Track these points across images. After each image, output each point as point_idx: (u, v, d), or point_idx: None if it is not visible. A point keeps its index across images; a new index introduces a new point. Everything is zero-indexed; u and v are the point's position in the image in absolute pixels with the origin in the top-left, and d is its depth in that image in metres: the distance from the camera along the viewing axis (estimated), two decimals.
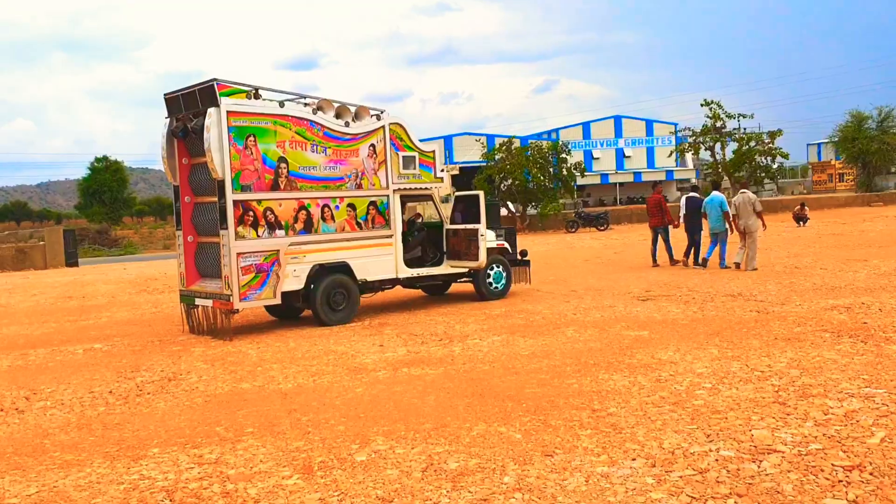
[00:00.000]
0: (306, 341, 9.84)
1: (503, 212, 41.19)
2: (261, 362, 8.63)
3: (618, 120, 65.98)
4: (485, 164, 39.81)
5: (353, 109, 11.63)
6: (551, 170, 38.87)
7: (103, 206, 62.91)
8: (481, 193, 12.70)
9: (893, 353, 7.02)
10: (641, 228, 34.77)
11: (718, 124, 41.17)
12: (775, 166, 43.08)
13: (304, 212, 11.00)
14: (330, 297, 11.24)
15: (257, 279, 10.51)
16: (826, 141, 66.04)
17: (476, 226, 12.52)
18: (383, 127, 11.89)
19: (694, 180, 54.14)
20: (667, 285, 13.14)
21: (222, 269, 10.48)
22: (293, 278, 10.92)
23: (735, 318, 9.41)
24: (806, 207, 30.77)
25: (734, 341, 8.04)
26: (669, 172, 62.15)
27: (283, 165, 10.76)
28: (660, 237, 17.14)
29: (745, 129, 42.18)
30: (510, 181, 37.73)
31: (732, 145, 42.39)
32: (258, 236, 10.55)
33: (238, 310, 10.56)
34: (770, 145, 41.21)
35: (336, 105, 11.44)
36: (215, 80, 10.31)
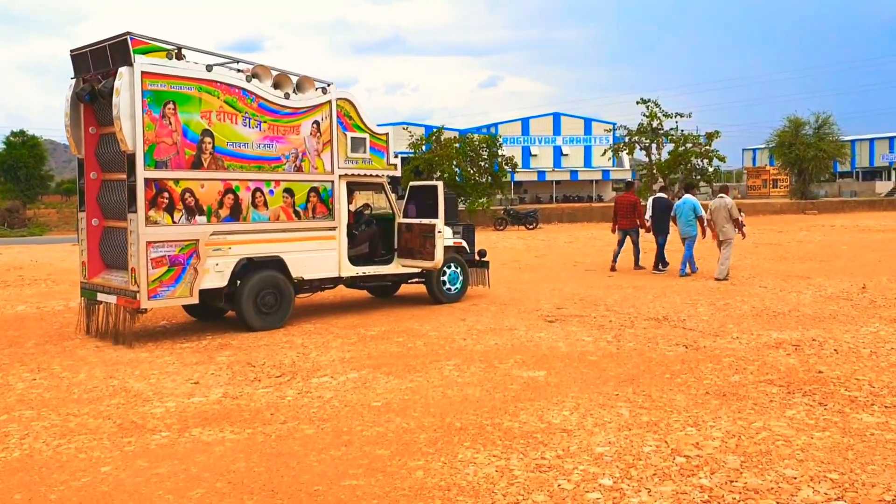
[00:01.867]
0: (105, 370, 7.32)
1: None
2: (16, 404, 6.16)
3: (556, 117, 64.82)
4: (412, 154, 37.92)
5: (294, 80, 9.87)
6: (482, 164, 37.34)
7: (17, 184, 55.93)
8: (440, 184, 10.65)
9: (864, 428, 5.06)
10: (572, 228, 33.36)
11: (655, 124, 40.21)
12: (711, 169, 42.39)
13: (231, 196, 9.14)
14: (259, 298, 9.49)
15: (171, 273, 8.64)
16: (763, 147, 65.48)
17: (433, 221, 10.61)
18: (330, 102, 10.03)
19: (629, 181, 53.41)
20: (583, 301, 10.85)
21: (129, 260, 8.67)
22: (215, 274, 9.07)
23: (657, 356, 7.24)
24: (742, 213, 29.86)
25: (653, 395, 5.90)
26: (606, 172, 61.18)
27: (207, 140, 8.89)
28: (628, 239, 15.34)
29: (682, 130, 41.20)
30: (437, 174, 35.95)
31: (670, 146, 41.55)
32: (174, 222, 8.63)
33: (145, 309, 8.71)
34: (707, 147, 40.43)
35: (275, 73, 9.61)
36: (129, 33, 8.39)
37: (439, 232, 10.50)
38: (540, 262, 17.87)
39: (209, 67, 8.74)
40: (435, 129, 37.34)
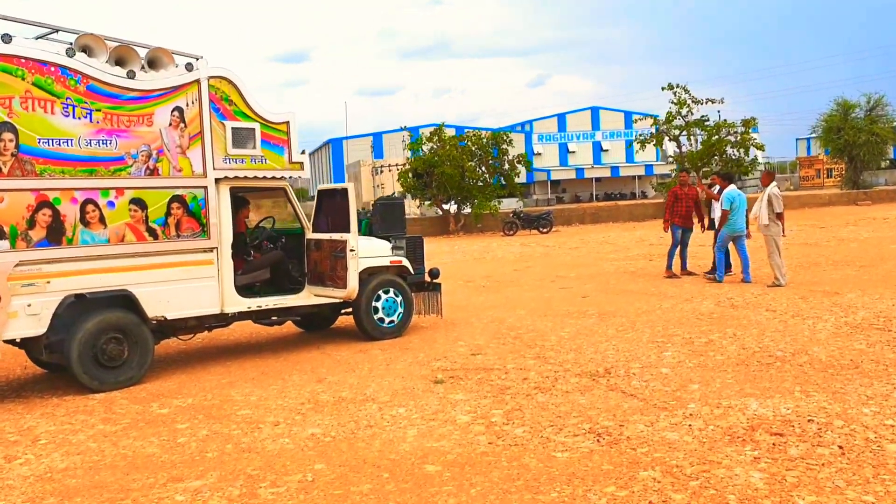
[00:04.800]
0: None
1: (435, 213, 37.00)
2: None
3: (595, 112, 61.89)
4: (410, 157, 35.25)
5: (143, 54, 7.52)
6: (492, 163, 34.58)
7: None
8: (350, 186, 8.21)
9: None
10: (591, 231, 30.29)
11: (684, 111, 37.10)
12: (749, 159, 38.99)
13: (47, 211, 6.77)
14: (98, 348, 7.16)
15: None
16: (813, 136, 60.35)
17: (343, 236, 8.35)
18: (198, 82, 7.74)
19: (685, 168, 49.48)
20: (515, 341, 8.39)
21: None
22: (26, 318, 6.72)
23: (537, 463, 4.64)
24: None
25: None
26: (649, 167, 57.86)
27: (7, 136, 6.52)
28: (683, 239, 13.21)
29: (721, 117, 37.92)
30: (439, 175, 33.34)
31: (703, 136, 38.30)
32: None
33: None
34: (745, 135, 37.06)
35: (112, 45, 7.31)
36: None
37: (352, 251, 8.03)
38: (516, 276, 15.26)
39: (6, 37, 6.38)
40: (435, 127, 34.62)
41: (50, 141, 6.65)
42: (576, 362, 7.24)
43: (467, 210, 34.41)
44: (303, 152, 8.25)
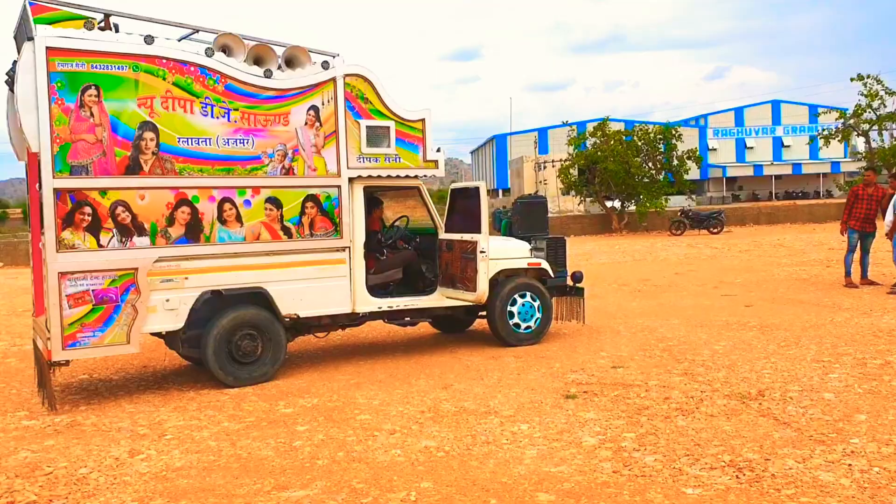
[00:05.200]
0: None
1: (595, 209, 35.86)
2: None
3: (776, 105, 58.19)
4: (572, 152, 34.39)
5: (280, 52, 7.54)
6: (660, 158, 33.14)
7: None
8: (481, 185, 7.93)
9: None
10: (765, 232, 28.27)
11: (875, 104, 34.02)
12: None
13: (186, 209, 6.95)
14: (233, 344, 7.29)
15: (97, 314, 6.59)
16: None
17: (474, 237, 8.11)
18: (334, 80, 7.70)
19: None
20: (664, 353, 7.69)
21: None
22: (165, 313, 6.92)
23: (662, 499, 4.12)
24: None
25: None
26: (835, 164, 53.81)
27: (148, 136, 6.76)
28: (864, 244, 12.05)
29: None
30: (602, 171, 32.25)
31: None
32: (100, 246, 6.65)
33: (62, 362, 6.74)
34: None
35: (250, 44, 7.38)
36: None
37: (482, 252, 7.69)
38: (676, 280, 14.30)
39: (149, 38, 6.57)
40: (599, 121, 33.61)
41: (189, 140, 6.79)
42: (726, 381, 6.54)
43: (632, 208, 33.25)
44: (438, 150, 8.02)
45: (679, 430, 5.30)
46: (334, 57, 7.50)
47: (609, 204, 33.61)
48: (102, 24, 6.56)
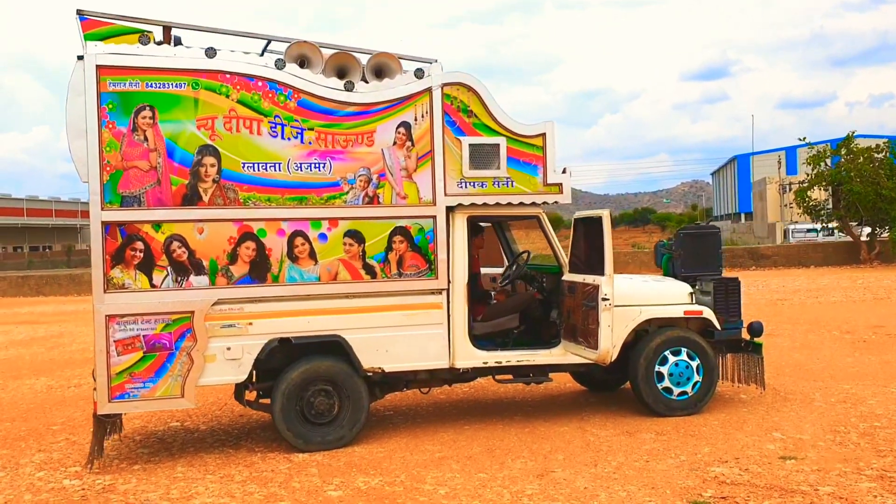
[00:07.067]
0: None
1: (838, 237, 31.31)
2: None
3: None
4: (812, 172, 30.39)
5: (363, 62, 6.48)
6: None
7: None
8: (605, 214, 6.35)
9: None
10: None
11: None
12: None
13: (250, 244, 6.11)
14: (304, 401, 6.30)
15: (147, 363, 5.89)
16: None
17: (596, 279, 6.47)
18: (430, 91, 6.55)
19: None
20: (863, 440, 5.75)
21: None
22: (226, 363, 6.08)
23: None
24: None
25: None
26: None
27: (208, 161, 5.99)
28: None
29: None
30: (847, 193, 27.84)
31: None
32: (153, 286, 5.96)
33: (110, 415, 6.08)
34: None
35: (330, 53, 6.40)
36: (80, 12, 5.95)
37: (604, 300, 6.09)
38: None
39: (211, 51, 5.82)
40: (843, 139, 29.40)
41: (255, 165, 5.96)
42: None
43: (885, 235, 28.73)
44: (563, 171, 6.56)
45: None
46: (432, 63, 6.34)
47: (857, 231, 29.32)
48: (161, 39, 5.90)
